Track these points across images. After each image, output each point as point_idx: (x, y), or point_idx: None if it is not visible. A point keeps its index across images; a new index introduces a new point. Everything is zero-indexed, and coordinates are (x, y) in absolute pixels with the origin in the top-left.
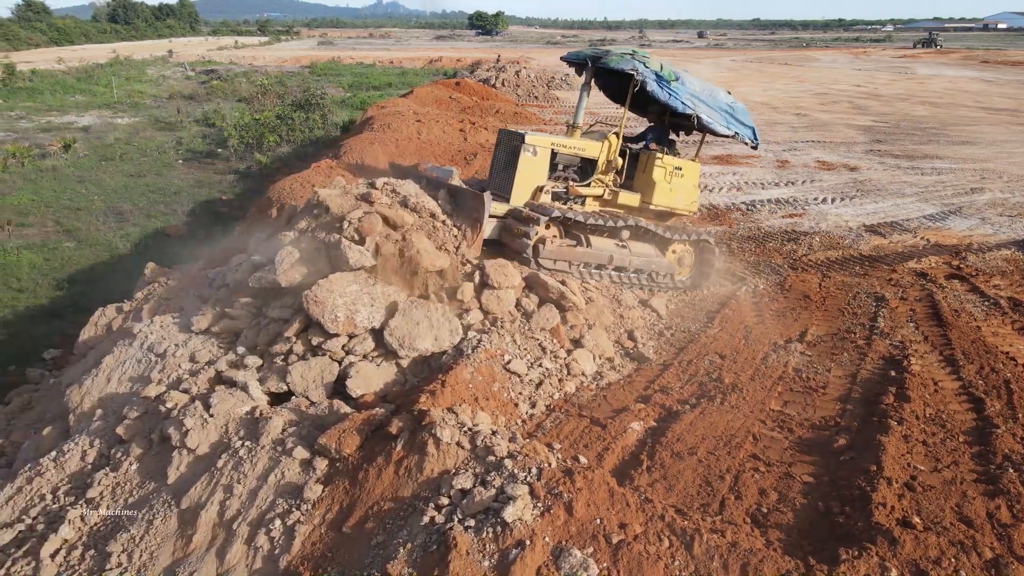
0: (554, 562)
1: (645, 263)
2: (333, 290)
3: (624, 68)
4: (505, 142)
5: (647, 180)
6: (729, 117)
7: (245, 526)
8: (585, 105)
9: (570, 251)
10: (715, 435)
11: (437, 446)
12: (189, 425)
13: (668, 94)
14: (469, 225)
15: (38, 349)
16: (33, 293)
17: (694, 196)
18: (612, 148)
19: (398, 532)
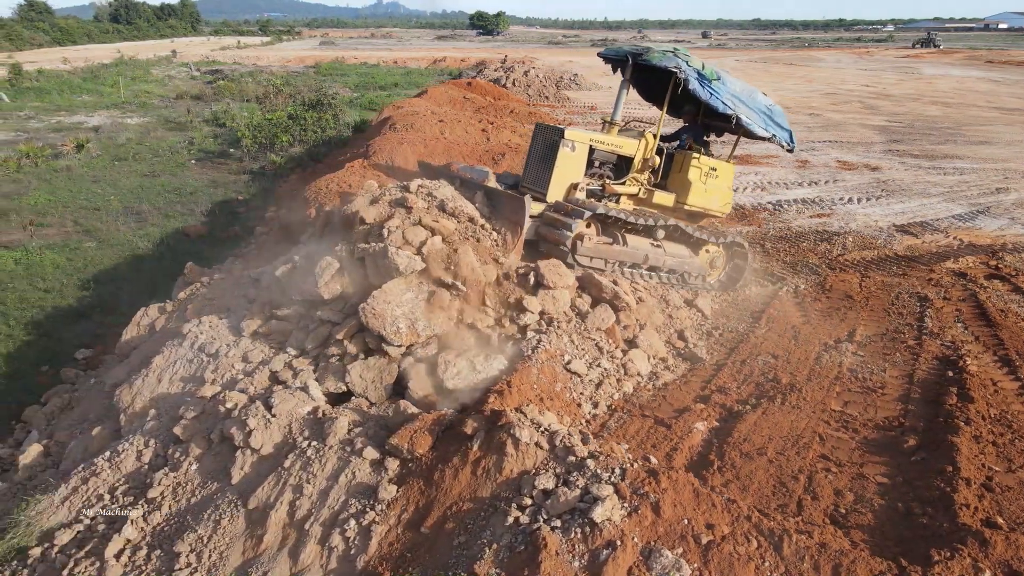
0: (644, 562)
1: (678, 263)
2: (390, 300)
3: (667, 65)
4: (542, 136)
5: (683, 180)
6: (768, 119)
7: (318, 526)
8: (624, 101)
9: (607, 249)
10: (781, 435)
11: (516, 446)
12: (252, 425)
13: (709, 93)
14: (509, 229)
15: (69, 349)
16: (59, 293)
17: (728, 198)
18: (649, 146)
19: (481, 532)
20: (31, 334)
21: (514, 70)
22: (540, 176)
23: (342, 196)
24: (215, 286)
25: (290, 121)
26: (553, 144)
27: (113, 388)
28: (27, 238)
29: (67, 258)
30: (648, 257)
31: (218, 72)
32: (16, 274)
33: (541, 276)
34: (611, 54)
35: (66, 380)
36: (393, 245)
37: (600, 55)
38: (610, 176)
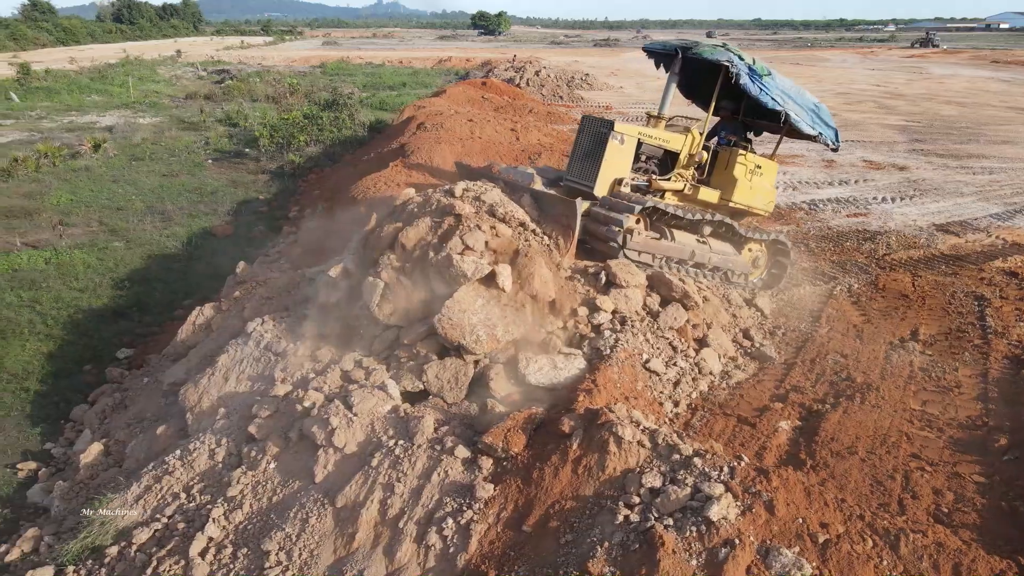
0: (763, 561)
1: (722, 261)
2: (465, 309)
3: (719, 59)
4: (590, 129)
5: (728, 177)
6: (815, 117)
7: (412, 524)
8: (671, 96)
9: (655, 244)
10: (868, 434)
11: (619, 445)
12: (334, 424)
13: (759, 88)
14: (560, 233)
15: (109, 349)
16: (93, 293)
17: (771, 196)
18: (695, 142)
19: (589, 531)
20: (70, 334)
21: (525, 70)
22: (587, 170)
23: (386, 202)
24: (271, 285)
25: (306, 121)
26: (602, 137)
27: (171, 387)
28: (55, 238)
29: (97, 258)
30: (694, 253)
31: (225, 72)
32: (48, 274)
33: (613, 275)
34: (657, 48)
35: (111, 379)
36: (455, 252)
37: (645, 49)
38: (655, 171)
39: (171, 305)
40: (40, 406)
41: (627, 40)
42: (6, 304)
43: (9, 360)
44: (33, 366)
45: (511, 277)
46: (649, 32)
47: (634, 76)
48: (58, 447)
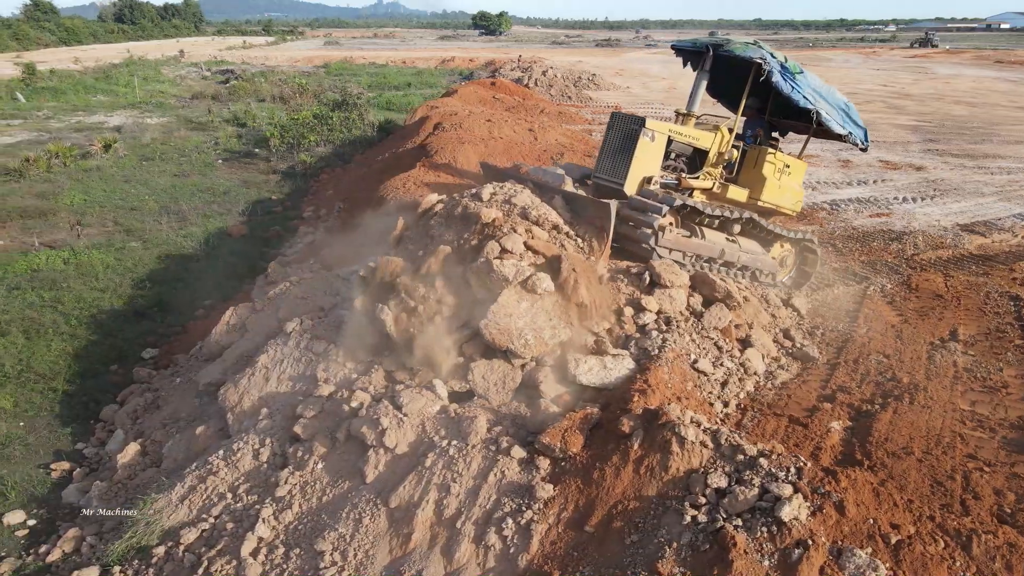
0: (836, 562)
1: (751, 260)
2: (511, 313)
3: (751, 57)
4: (619, 126)
5: (757, 176)
6: (845, 116)
7: (471, 525)
8: (701, 93)
9: (686, 242)
10: (921, 435)
11: (681, 445)
12: (385, 424)
13: (791, 87)
14: (595, 235)
15: (134, 349)
16: (114, 293)
17: (799, 196)
18: (724, 140)
19: (655, 531)
20: (94, 334)
21: (532, 70)
22: (617, 167)
23: (410, 206)
24: (305, 285)
25: (316, 121)
26: (632, 134)
27: (207, 387)
28: (73, 238)
29: (115, 258)
30: (724, 252)
31: (229, 72)
32: (68, 274)
33: (657, 275)
34: (687, 46)
35: (139, 379)
36: (492, 256)
37: (674, 47)
38: (683, 169)
39: (192, 305)
40: (69, 406)
41: (628, 40)
42: (28, 304)
43: (36, 360)
44: (60, 366)
45: (554, 285)
46: (650, 32)
47: (639, 76)
48: (90, 447)
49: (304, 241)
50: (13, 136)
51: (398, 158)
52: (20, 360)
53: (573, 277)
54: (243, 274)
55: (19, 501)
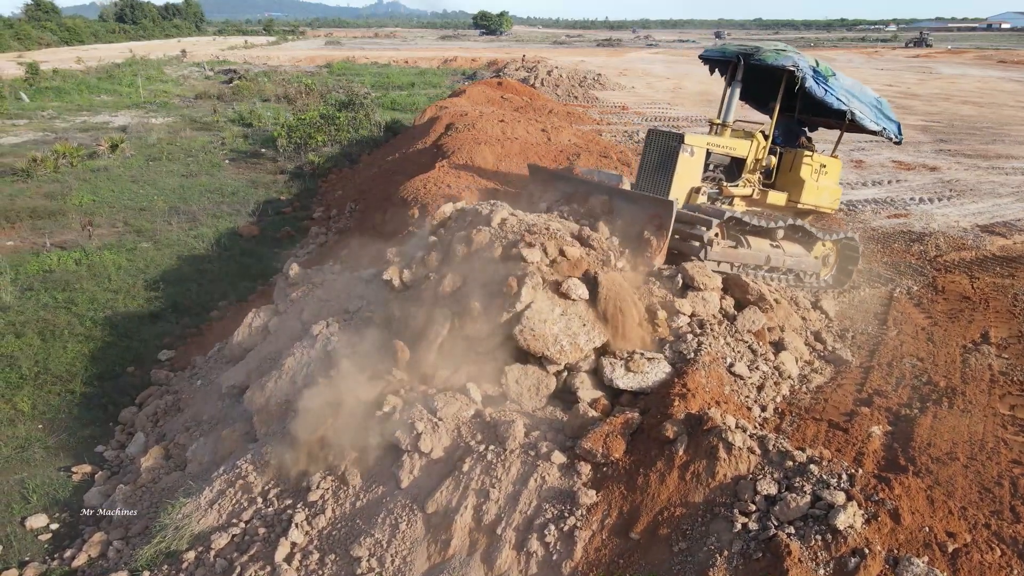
0: (892, 570)
1: (795, 263)
2: (545, 319)
3: (783, 64)
4: (658, 142)
5: (795, 179)
6: (878, 113)
7: (511, 531)
8: (735, 103)
9: (732, 252)
10: (964, 440)
11: (729, 451)
12: (420, 429)
13: (824, 90)
14: (653, 233)
15: (150, 350)
16: (128, 294)
17: (837, 194)
18: (760, 147)
19: (704, 539)
20: (110, 335)
21: (538, 70)
22: (658, 183)
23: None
24: (328, 287)
25: (323, 121)
26: (672, 150)
27: (231, 390)
28: (84, 239)
29: (127, 259)
30: (769, 258)
31: (232, 72)
32: (80, 275)
33: (690, 278)
34: (716, 56)
35: (157, 381)
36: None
37: (703, 56)
38: (722, 178)
39: (206, 306)
40: (87, 408)
41: (628, 40)
42: (42, 305)
43: (52, 362)
44: (76, 368)
45: (586, 290)
46: (650, 32)
47: (643, 76)
48: (110, 450)
49: (316, 242)
50: (19, 136)
51: (410, 159)
52: (37, 362)
53: (605, 286)
54: (256, 275)
55: (41, 504)
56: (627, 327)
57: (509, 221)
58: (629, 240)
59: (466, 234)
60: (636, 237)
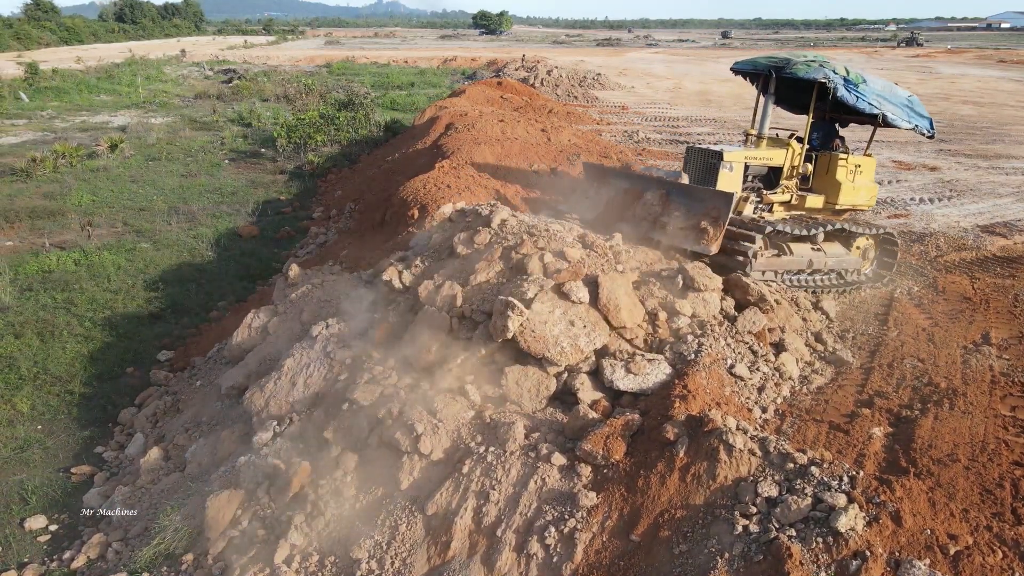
0: (894, 573)
1: (837, 262)
2: (546, 320)
3: (816, 78)
4: (697, 160)
5: (831, 181)
6: (910, 111)
7: (511, 533)
8: (769, 114)
9: (776, 261)
10: (965, 441)
11: (729, 452)
12: (419, 430)
13: (856, 97)
14: (710, 223)
15: (149, 351)
16: (127, 295)
17: (873, 191)
18: (796, 153)
19: (705, 541)
20: (109, 336)
21: (537, 70)
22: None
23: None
24: (328, 288)
25: (322, 121)
26: (712, 167)
27: (230, 390)
28: (83, 239)
29: (127, 259)
30: (812, 262)
31: (231, 72)
32: (80, 275)
33: (690, 279)
34: (748, 68)
35: (156, 382)
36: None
37: (735, 68)
38: (760, 186)
39: (206, 307)
40: (86, 409)
41: (628, 40)
42: (42, 306)
43: (52, 363)
44: (76, 368)
45: (587, 291)
46: (649, 32)
47: (642, 76)
48: (109, 451)
49: (316, 242)
50: (18, 136)
51: (410, 159)
52: (36, 362)
53: (606, 286)
54: (256, 275)
55: (40, 506)
56: (628, 328)
57: (509, 222)
58: (683, 229)
59: (467, 235)
60: (694, 228)
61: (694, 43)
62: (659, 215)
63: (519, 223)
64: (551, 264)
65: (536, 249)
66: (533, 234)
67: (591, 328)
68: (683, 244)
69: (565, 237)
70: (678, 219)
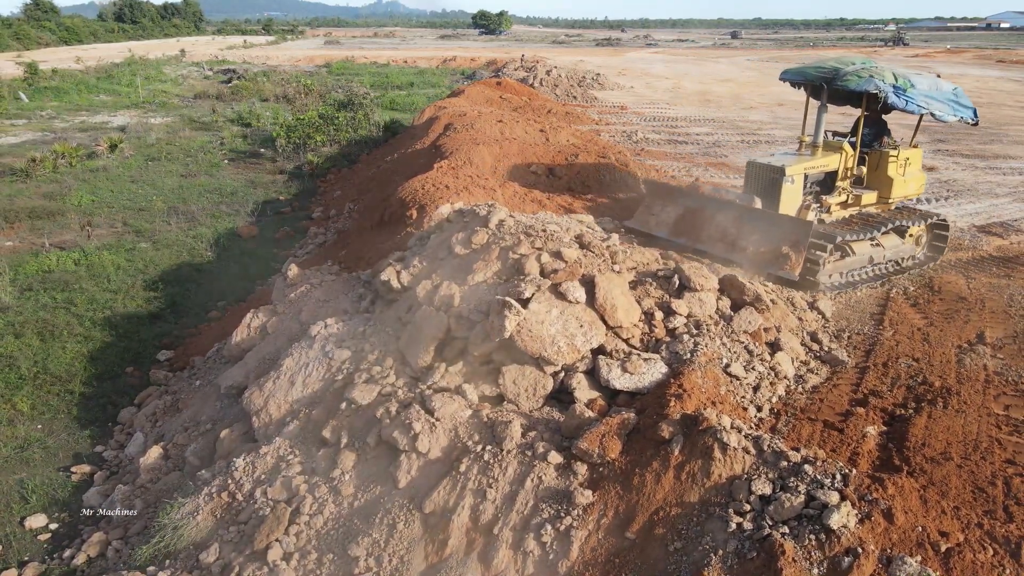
0: (885, 570)
1: (894, 253)
2: (543, 320)
3: (867, 89)
4: (760, 175)
5: (883, 178)
6: (955, 104)
7: (508, 531)
8: (823, 123)
9: (842, 263)
10: (958, 440)
11: (724, 451)
12: (417, 429)
13: (905, 101)
14: (791, 248)
15: (149, 351)
16: (127, 294)
17: (922, 180)
18: (849, 156)
19: (699, 538)
20: (108, 335)
21: (537, 70)
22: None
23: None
24: (327, 288)
25: (322, 121)
26: (775, 182)
27: (229, 390)
28: (83, 239)
29: (126, 259)
30: (872, 258)
31: (231, 72)
32: (79, 275)
33: (686, 279)
34: (799, 79)
35: (155, 382)
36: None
37: (785, 79)
38: (818, 191)
39: (205, 306)
40: (86, 408)
41: (627, 40)
42: (42, 306)
43: (52, 362)
44: (76, 368)
45: (584, 291)
46: (651, 32)
47: (641, 76)
48: (109, 450)
49: (315, 242)
50: (18, 136)
51: (409, 159)
52: (36, 362)
53: (602, 286)
54: (255, 275)
55: (40, 504)
56: (624, 328)
57: (507, 222)
58: (763, 253)
59: (464, 235)
60: (774, 253)
61: (694, 43)
62: (735, 238)
63: (516, 223)
64: (548, 264)
65: (533, 249)
66: (530, 234)
67: (588, 328)
68: (765, 269)
69: (562, 237)
70: (756, 243)
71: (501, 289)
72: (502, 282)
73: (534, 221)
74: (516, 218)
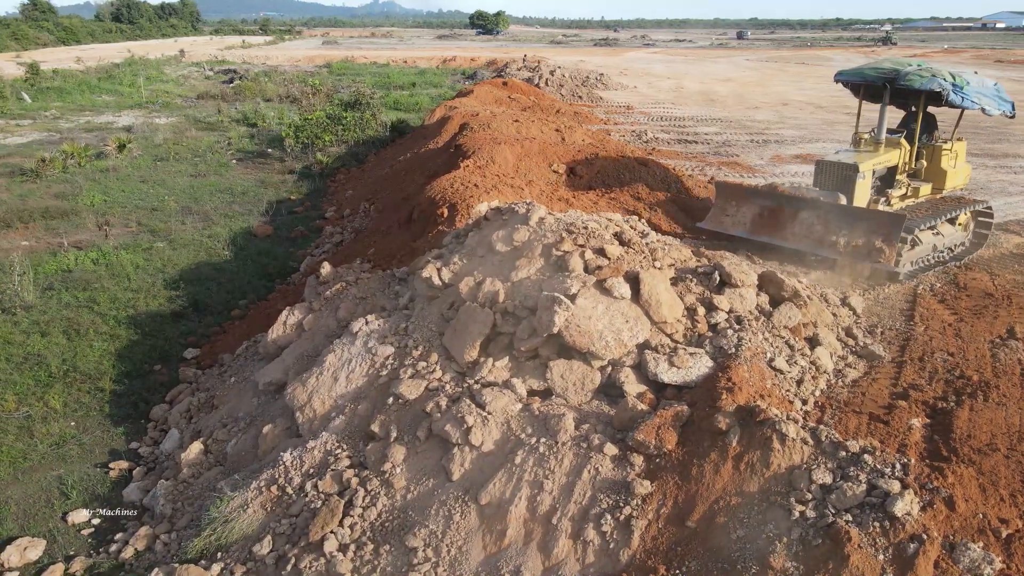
0: (950, 556)
1: (950, 240)
2: (590, 315)
3: (932, 88)
4: (831, 172)
5: (937, 170)
6: (999, 99)
7: (567, 521)
8: (886, 122)
9: (910, 254)
10: (1002, 431)
11: (783, 442)
12: (470, 423)
13: (962, 98)
14: (884, 242)
15: (175, 349)
16: (148, 293)
17: (968, 171)
18: (907, 151)
19: (762, 526)
20: (134, 334)
21: (540, 69)
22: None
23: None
24: (363, 286)
25: (330, 121)
26: (848, 178)
27: (267, 386)
28: (100, 238)
29: (144, 258)
30: (935, 246)
31: (231, 72)
32: (99, 275)
33: (727, 275)
34: (857, 79)
35: (185, 379)
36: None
37: (839, 80)
38: (880, 184)
39: (227, 305)
40: (118, 406)
41: (624, 40)
42: (65, 305)
43: (80, 360)
44: (104, 366)
45: (628, 288)
46: (649, 31)
47: (643, 76)
48: (144, 446)
49: (332, 241)
50: (24, 136)
51: (426, 158)
52: (64, 360)
53: (647, 283)
54: (274, 274)
55: (81, 500)
56: (668, 323)
57: (547, 220)
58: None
59: (505, 233)
60: (867, 247)
61: (691, 43)
62: (823, 235)
63: (557, 221)
64: (591, 261)
65: (576, 246)
66: (572, 231)
67: (633, 323)
68: (861, 261)
69: (603, 235)
70: (848, 238)
71: (546, 285)
72: (546, 278)
73: (574, 219)
74: (556, 216)
